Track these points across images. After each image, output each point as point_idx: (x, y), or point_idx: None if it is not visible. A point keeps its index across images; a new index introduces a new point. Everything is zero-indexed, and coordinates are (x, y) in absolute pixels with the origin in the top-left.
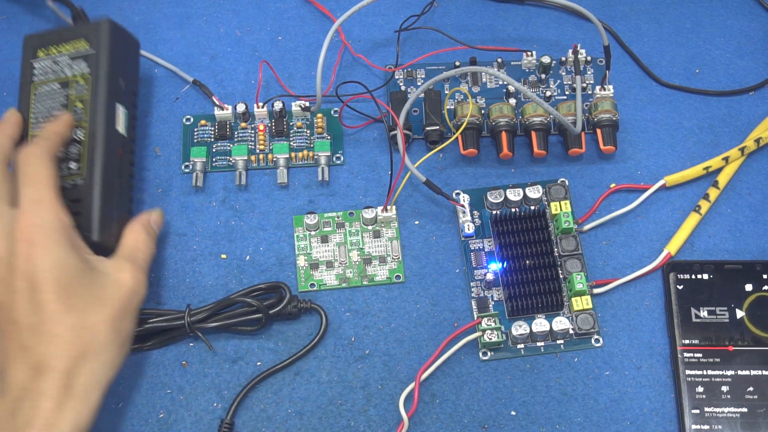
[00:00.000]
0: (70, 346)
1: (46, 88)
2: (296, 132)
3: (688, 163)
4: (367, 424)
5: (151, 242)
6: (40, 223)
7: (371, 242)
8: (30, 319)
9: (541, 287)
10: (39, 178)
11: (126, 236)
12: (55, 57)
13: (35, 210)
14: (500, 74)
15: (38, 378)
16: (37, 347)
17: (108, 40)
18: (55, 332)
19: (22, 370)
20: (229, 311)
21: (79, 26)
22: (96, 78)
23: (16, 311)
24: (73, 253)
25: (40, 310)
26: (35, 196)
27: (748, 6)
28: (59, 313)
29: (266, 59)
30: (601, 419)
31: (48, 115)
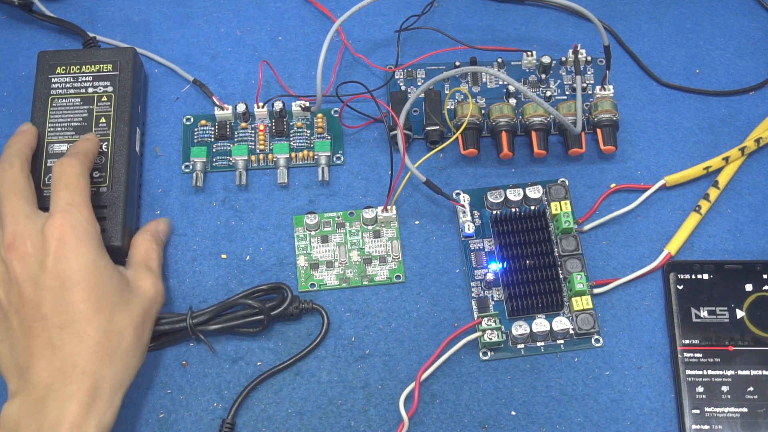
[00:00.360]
0: (98, 348)
1: (65, 102)
2: (296, 132)
3: (688, 163)
4: (367, 424)
5: (160, 251)
6: (74, 223)
7: (371, 242)
8: (59, 317)
9: (541, 287)
10: (74, 184)
11: (137, 246)
12: (77, 75)
13: (69, 211)
14: (500, 74)
15: (65, 378)
16: (65, 346)
17: (132, 65)
18: (84, 332)
19: (48, 368)
20: (231, 313)
21: (105, 50)
22: (121, 98)
23: (45, 308)
24: (102, 256)
25: (70, 309)
26: (70, 200)
27: (748, 6)
28: (89, 313)
29: (266, 59)
30: (601, 419)
31: (68, 126)
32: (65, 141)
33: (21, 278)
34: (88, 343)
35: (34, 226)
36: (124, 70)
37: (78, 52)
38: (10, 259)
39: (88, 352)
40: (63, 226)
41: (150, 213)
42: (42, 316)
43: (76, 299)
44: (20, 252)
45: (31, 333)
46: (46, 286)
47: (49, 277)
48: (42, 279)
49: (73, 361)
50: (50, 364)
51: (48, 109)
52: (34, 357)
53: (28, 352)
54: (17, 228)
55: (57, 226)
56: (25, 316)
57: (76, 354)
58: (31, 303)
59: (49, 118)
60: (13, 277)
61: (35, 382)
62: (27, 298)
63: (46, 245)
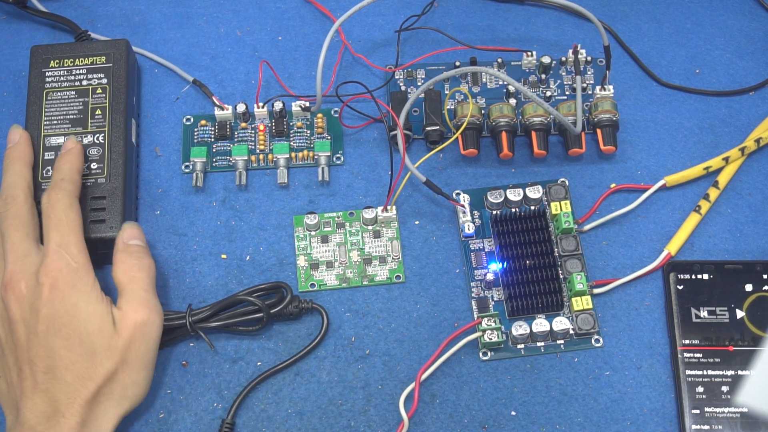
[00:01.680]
0: (80, 393)
1: (59, 95)
2: (296, 132)
3: (688, 163)
4: (367, 424)
5: (140, 265)
6: (63, 266)
7: (371, 242)
8: (44, 362)
9: (541, 287)
10: (64, 223)
11: (116, 269)
12: (71, 68)
13: (59, 254)
14: (500, 74)
15: (48, 422)
16: (48, 390)
17: (125, 57)
18: (63, 378)
19: (33, 410)
20: (231, 311)
21: (98, 43)
22: (116, 89)
23: (32, 351)
24: (90, 300)
25: (52, 355)
26: (60, 241)
27: (748, 6)
28: (69, 359)
29: (266, 59)
30: (601, 419)
31: (64, 119)
32: (62, 134)
33: (15, 318)
34: (71, 390)
35: (31, 267)
36: (117, 61)
37: (71, 46)
38: (8, 299)
39: (68, 397)
40: (53, 271)
41: (150, 213)
42: (30, 359)
43: (57, 345)
44: (16, 293)
45: (21, 374)
46: (35, 330)
47: (38, 321)
48: (32, 323)
49: (55, 406)
50: (35, 406)
51: (43, 103)
52: (23, 398)
53: (19, 392)
54: (15, 267)
55: (49, 270)
56: (18, 357)
57: (57, 399)
58: (22, 345)
59: (45, 111)
60: (11, 317)
61: (23, 422)
62: (19, 339)
63: (39, 289)
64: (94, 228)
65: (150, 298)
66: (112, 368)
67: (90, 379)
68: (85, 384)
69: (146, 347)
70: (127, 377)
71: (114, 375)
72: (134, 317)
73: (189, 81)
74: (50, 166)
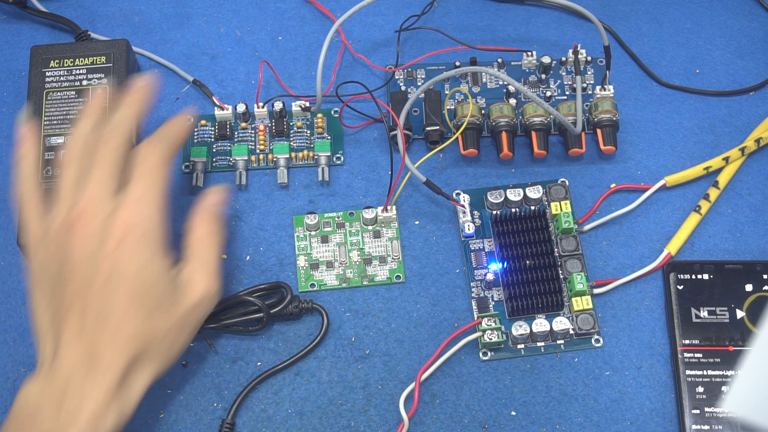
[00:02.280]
0: (126, 347)
1: (59, 95)
2: (296, 132)
3: (688, 163)
4: (367, 424)
5: (213, 235)
6: (141, 219)
7: (371, 242)
8: (97, 307)
9: (541, 287)
10: (151, 176)
11: (192, 232)
12: (71, 68)
13: (139, 206)
14: (500, 74)
15: (90, 369)
16: (96, 337)
17: (125, 57)
18: (117, 329)
19: (72, 358)
20: (231, 311)
21: (98, 42)
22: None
23: (88, 293)
24: (156, 259)
25: (109, 302)
26: (143, 192)
27: (748, 6)
28: (127, 311)
29: (266, 59)
30: (601, 419)
31: (64, 120)
32: (62, 134)
33: (77, 259)
34: (118, 341)
35: (108, 209)
36: (117, 62)
37: (71, 46)
38: (73, 236)
39: (113, 353)
40: (130, 219)
41: None
42: (83, 304)
43: (118, 294)
44: (85, 233)
45: (69, 315)
46: (95, 278)
47: (100, 270)
48: (94, 269)
49: (96, 359)
50: (75, 353)
51: (43, 103)
52: (64, 340)
53: (61, 332)
54: (89, 206)
55: (124, 218)
56: (70, 298)
57: (100, 352)
58: (77, 287)
59: (45, 111)
60: (72, 256)
61: (60, 366)
62: (76, 281)
63: (109, 237)
64: None
65: (216, 270)
66: (164, 331)
67: (139, 339)
68: (134, 343)
69: (200, 318)
70: (173, 342)
71: (163, 338)
72: (200, 287)
73: (189, 81)
74: (50, 166)
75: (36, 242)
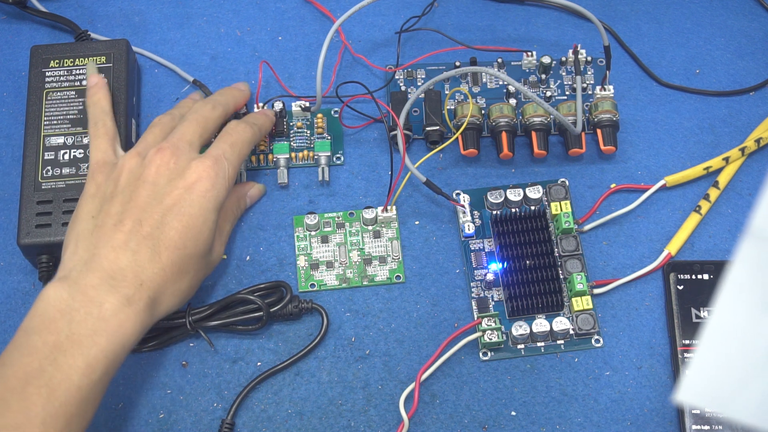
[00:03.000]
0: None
1: (59, 95)
2: (296, 132)
3: (688, 163)
4: (367, 425)
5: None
6: (219, 174)
7: (371, 242)
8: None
9: (541, 287)
10: (238, 147)
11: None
12: (71, 68)
13: (221, 162)
14: (500, 74)
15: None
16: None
17: (125, 57)
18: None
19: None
20: (230, 310)
21: (98, 42)
22: (116, 90)
23: (145, 214)
24: (216, 213)
25: (162, 228)
26: (226, 154)
27: (748, 6)
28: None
29: (266, 59)
30: (601, 419)
31: (64, 119)
32: (62, 134)
33: (148, 179)
34: (156, 264)
35: (189, 154)
36: (117, 61)
37: (71, 46)
38: (151, 158)
39: (152, 270)
40: (209, 169)
41: None
42: (139, 218)
43: (173, 225)
44: (164, 159)
45: (120, 225)
46: (160, 199)
47: (168, 194)
48: (161, 191)
49: (137, 270)
50: (116, 261)
51: (43, 103)
52: (107, 247)
53: (105, 240)
54: (177, 144)
55: (204, 166)
56: (127, 209)
57: (142, 266)
58: (139, 202)
59: (45, 111)
60: (143, 174)
61: (95, 269)
62: (139, 196)
63: (186, 173)
64: None
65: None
66: (190, 271)
67: (172, 268)
68: (167, 271)
69: (209, 272)
70: (187, 284)
71: (185, 277)
72: (219, 245)
73: (189, 81)
74: (50, 166)
75: (100, 165)
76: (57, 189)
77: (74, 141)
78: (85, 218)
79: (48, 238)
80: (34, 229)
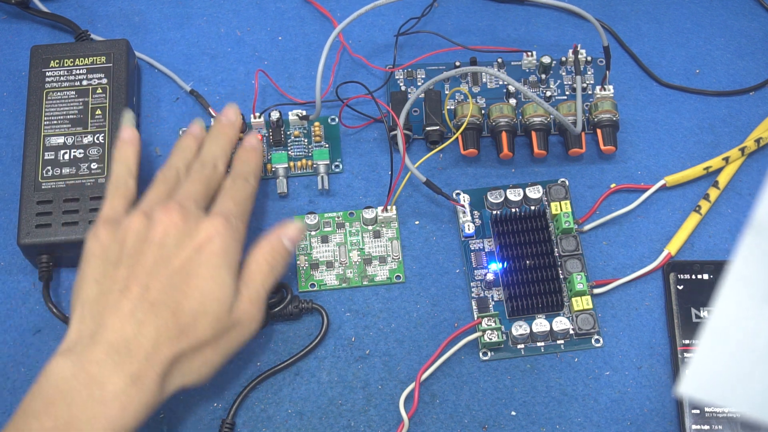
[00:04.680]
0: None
1: (59, 95)
2: (294, 141)
3: (688, 163)
4: (367, 424)
5: (276, 269)
6: (229, 233)
7: (371, 242)
8: (156, 295)
9: (541, 287)
10: (241, 204)
11: (250, 258)
12: (71, 68)
13: (229, 221)
14: (500, 74)
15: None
16: (144, 324)
17: (125, 57)
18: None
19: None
20: None
21: (98, 42)
22: (116, 89)
23: (153, 279)
24: (230, 272)
25: (170, 294)
26: (233, 212)
27: (748, 6)
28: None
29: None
30: (601, 419)
31: (64, 119)
32: (62, 134)
33: (155, 240)
34: (164, 335)
35: (197, 213)
36: (117, 61)
37: (71, 46)
38: (158, 218)
39: (160, 342)
40: (219, 227)
41: None
42: (146, 283)
43: (182, 289)
44: (171, 219)
45: (126, 292)
46: (167, 262)
47: (176, 255)
48: (170, 254)
49: (143, 343)
50: (122, 333)
51: (43, 103)
52: (112, 317)
53: (109, 309)
54: (183, 203)
55: (214, 225)
56: (132, 274)
57: (149, 338)
58: (145, 266)
59: (45, 111)
60: (150, 235)
61: (100, 341)
62: (146, 259)
63: (195, 233)
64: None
65: (265, 301)
66: (208, 339)
67: (186, 338)
68: (181, 340)
69: (240, 340)
70: (210, 356)
71: (203, 347)
72: (249, 308)
73: (186, 90)
74: (50, 166)
75: (106, 222)
76: (57, 189)
77: (74, 141)
78: (89, 282)
79: (48, 238)
80: (34, 229)
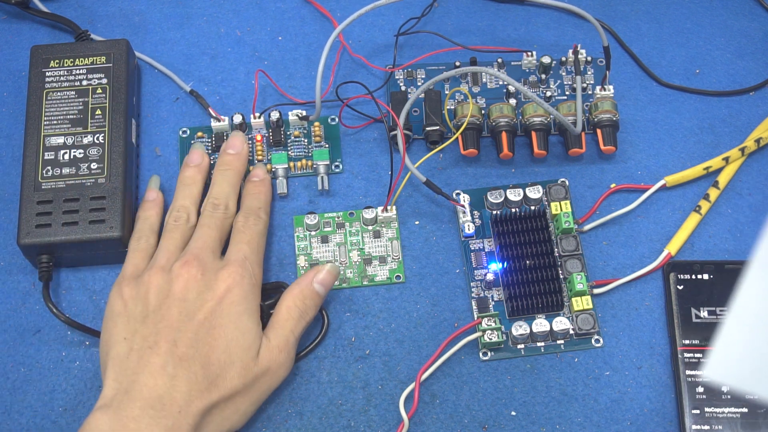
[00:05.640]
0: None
1: (59, 95)
2: (294, 141)
3: (688, 163)
4: (367, 424)
5: (307, 313)
6: (246, 277)
7: (371, 242)
8: (184, 350)
9: (541, 287)
10: (255, 243)
11: (281, 302)
12: (71, 68)
13: (245, 266)
14: (500, 74)
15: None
16: (175, 378)
17: (125, 57)
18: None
19: (151, 392)
20: None
21: (98, 42)
22: (116, 89)
23: (181, 335)
24: (252, 318)
25: (197, 347)
26: (248, 256)
27: (748, 6)
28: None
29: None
30: (601, 419)
31: (64, 119)
32: (62, 134)
33: (177, 296)
34: (195, 387)
35: (214, 264)
36: (117, 61)
37: (71, 46)
38: (178, 273)
39: (191, 394)
40: (235, 275)
41: None
42: (174, 339)
43: (207, 341)
44: (191, 272)
45: (156, 348)
46: (192, 316)
47: (199, 309)
48: (193, 308)
49: (174, 396)
50: (155, 388)
51: (43, 103)
52: (144, 374)
53: (141, 366)
54: (199, 255)
55: (231, 273)
56: (159, 331)
57: (181, 391)
58: (170, 322)
59: (45, 111)
60: (172, 291)
61: (136, 398)
62: (171, 316)
63: (214, 285)
64: (94, 228)
65: (295, 347)
66: (238, 388)
67: (218, 389)
68: (208, 392)
69: (271, 386)
70: (241, 405)
71: (234, 396)
72: (277, 355)
73: (186, 90)
74: (50, 166)
75: (129, 279)
76: (57, 189)
77: (74, 141)
78: (118, 341)
79: (48, 238)
80: (34, 229)
